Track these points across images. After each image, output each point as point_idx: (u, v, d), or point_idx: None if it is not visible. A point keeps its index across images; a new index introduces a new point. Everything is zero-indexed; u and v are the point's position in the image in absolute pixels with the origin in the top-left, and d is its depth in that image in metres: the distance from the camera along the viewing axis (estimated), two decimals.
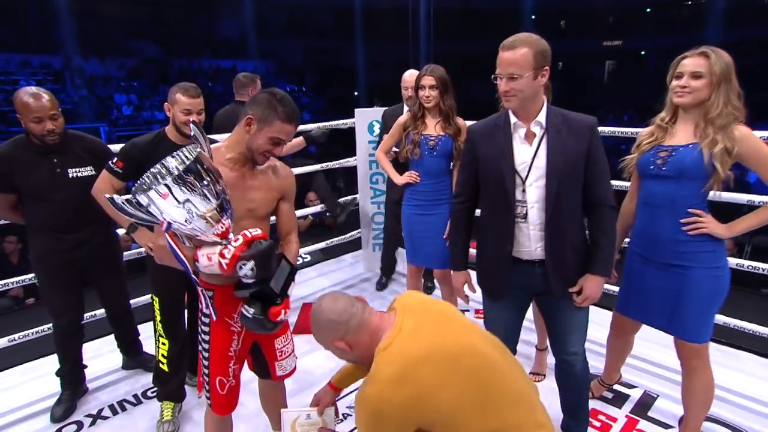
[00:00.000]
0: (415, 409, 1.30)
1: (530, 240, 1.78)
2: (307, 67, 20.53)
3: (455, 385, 1.30)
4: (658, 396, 2.44)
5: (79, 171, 2.28)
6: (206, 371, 1.70)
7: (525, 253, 1.80)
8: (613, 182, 1.97)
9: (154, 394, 2.46)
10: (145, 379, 2.66)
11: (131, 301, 2.72)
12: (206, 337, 1.68)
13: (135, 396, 2.56)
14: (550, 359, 2.50)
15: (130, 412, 2.45)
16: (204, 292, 1.62)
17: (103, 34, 16.39)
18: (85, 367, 2.58)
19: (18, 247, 4.85)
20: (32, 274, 2.62)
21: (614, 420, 2.30)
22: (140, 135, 2.35)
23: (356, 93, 18.76)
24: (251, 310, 1.49)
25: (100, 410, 2.46)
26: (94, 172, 2.28)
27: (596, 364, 2.52)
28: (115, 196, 1.41)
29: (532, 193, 1.74)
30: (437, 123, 2.60)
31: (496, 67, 1.68)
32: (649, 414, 2.33)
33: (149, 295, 2.62)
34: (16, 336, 2.58)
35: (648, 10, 18.54)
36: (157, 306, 2.27)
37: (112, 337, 2.77)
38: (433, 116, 2.61)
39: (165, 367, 2.30)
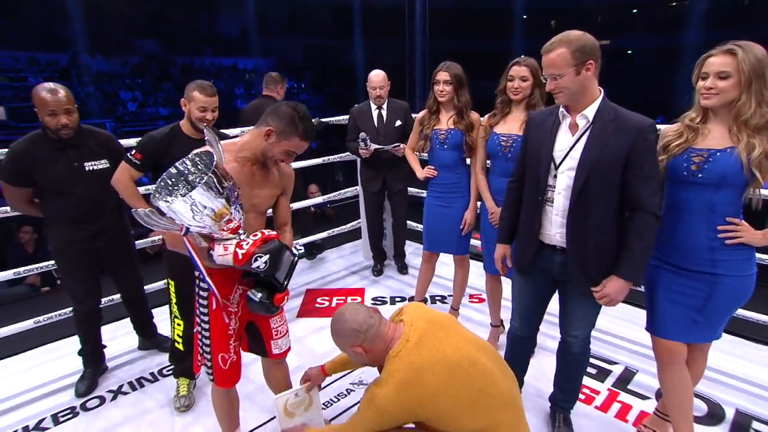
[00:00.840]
0: (415, 409, 1.50)
1: (552, 224, 1.81)
2: (306, 65, 20.45)
3: (452, 390, 1.47)
4: (637, 371, 2.55)
5: (95, 164, 2.32)
6: (207, 349, 1.78)
7: (547, 236, 1.84)
8: None
9: (170, 371, 2.55)
10: (160, 359, 2.74)
11: (145, 287, 2.78)
12: (206, 318, 1.76)
13: (152, 374, 2.64)
14: (503, 338, 2.71)
15: (148, 388, 2.53)
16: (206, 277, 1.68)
17: (107, 32, 16.28)
18: (105, 347, 2.65)
19: (33, 237, 4.88)
20: (49, 262, 2.70)
21: (597, 393, 2.40)
22: (145, 130, 2.40)
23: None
24: (258, 295, 1.59)
25: (120, 386, 2.53)
26: (108, 166, 2.33)
27: (598, 350, 2.69)
28: (140, 210, 1.49)
29: (561, 180, 1.75)
30: (450, 118, 2.64)
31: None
32: (629, 387, 2.44)
33: (163, 281, 2.71)
34: (41, 318, 2.65)
35: (634, 10, 18.59)
36: (172, 289, 2.33)
37: (128, 320, 2.83)
38: (447, 111, 2.66)
39: (180, 347, 2.37)
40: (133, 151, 2.18)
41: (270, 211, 1.92)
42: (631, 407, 2.29)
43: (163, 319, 2.85)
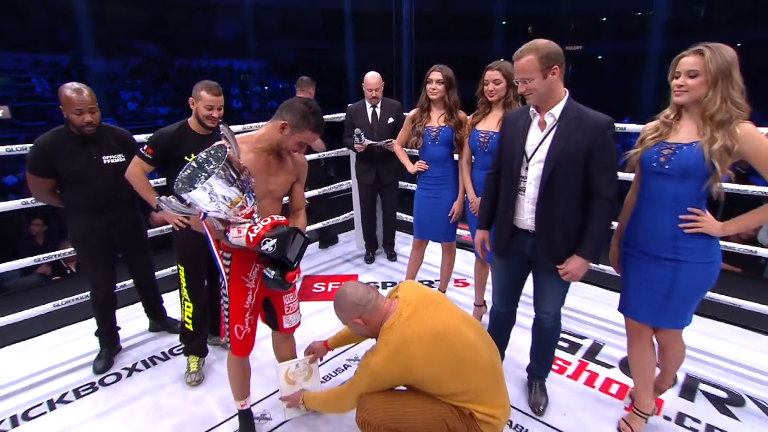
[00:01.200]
0: (404, 374, 1.61)
1: (524, 211, 1.91)
2: (298, 66, 20.28)
3: (437, 359, 1.58)
4: (604, 344, 2.68)
5: (112, 158, 2.36)
6: (227, 320, 1.87)
7: (520, 222, 1.95)
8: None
9: (180, 351, 2.61)
10: (170, 340, 2.79)
11: (156, 273, 2.83)
12: (226, 291, 1.84)
13: (163, 353, 2.70)
14: (485, 318, 2.80)
15: (160, 366, 2.59)
16: (224, 254, 1.79)
17: (109, 35, 16.02)
18: (119, 328, 2.70)
19: (43, 229, 4.86)
20: (66, 250, 2.74)
21: (569, 363, 2.52)
22: (145, 129, 2.46)
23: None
24: (273, 273, 1.67)
25: (134, 364, 2.59)
26: (124, 160, 2.36)
27: (570, 327, 2.83)
28: (163, 198, 1.59)
29: (532, 172, 1.85)
30: (441, 116, 2.72)
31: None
32: (596, 358, 2.57)
33: (172, 267, 2.76)
34: (60, 301, 2.69)
35: (604, 19, 18.84)
36: (182, 274, 2.39)
37: (139, 305, 2.88)
38: (438, 109, 2.73)
39: (190, 327, 2.44)
40: (145, 146, 2.23)
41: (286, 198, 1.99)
42: (597, 375, 2.42)
43: (172, 303, 2.91)
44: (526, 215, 1.91)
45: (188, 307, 2.43)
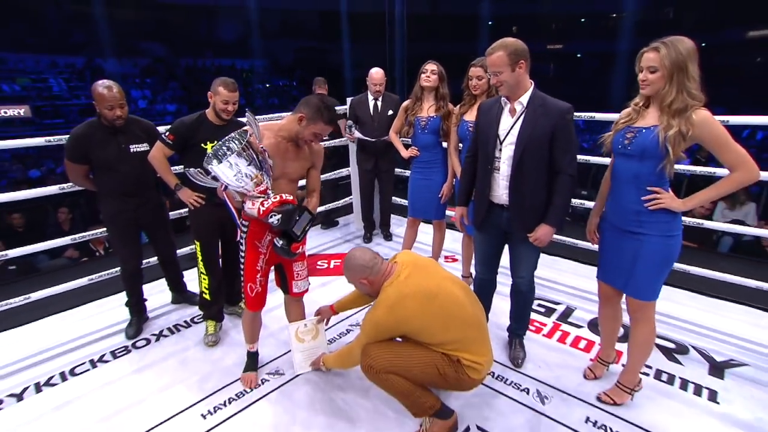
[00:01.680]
0: (401, 325, 1.74)
1: (499, 187, 2.04)
2: (297, 65, 20.19)
3: (429, 314, 1.71)
4: (575, 309, 2.83)
5: (138, 147, 2.45)
6: (242, 279, 2.03)
7: (495, 197, 2.07)
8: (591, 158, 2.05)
9: (200, 319, 2.73)
10: (191, 311, 2.91)
11: (177, 251, 2.93)
12: (242, 256, 2.00)
13: (185, 321, 2.81)
14: (471, 287, 2.85)
15: (183, 332, 2.71)
16: (242, 222, 1.94)
17: (119, 37, 15.92)
18: (146, 300, 2.81)
19: (69, 217, 4.92)
20: (95, 231, 2.84)
21: (545, 325, 2.67)
22: (157, 124, 2.57)
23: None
24: (280, 242, 1.84)
25: (161, 331, 2.71)
26: (148, 148, 2.45)
27: (547, 294, 2.98)
28: (191, 169, 1.75)
29: (505, 153, 1.98)
30: (431, 106, 2.82)
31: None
32: (568, 320, 2.73)
33: (191, 247, 2.85)
34: (94, 276, 2.82)
35: (582, 20, 18.89)
36: (198, 249, 2.50)
37: (162, 281, 2.99)
38: (428, 100, 2.84)
39: (207, 297, 2.56)
40: (167, 133, 2.33)
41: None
42: (569, 334, 2.58)
43: (191, 279, 3.00)
44: (501, 191, 2.04)
45: (204, 279, 2.54)
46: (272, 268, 2.13)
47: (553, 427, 1.91)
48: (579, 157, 2.20)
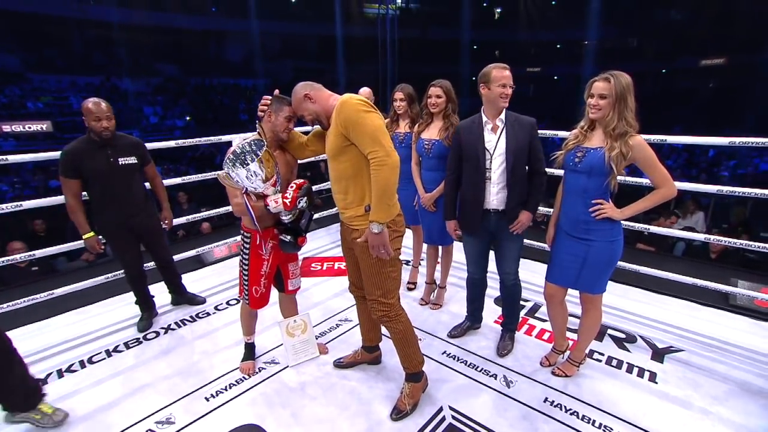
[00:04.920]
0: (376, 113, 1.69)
1: (491, 194, 2.14)
2: (296, 84, 20.34)
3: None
4: (542, 305, 2.91)
5: (126, 159, 2.46)
6: (246, 283, 2.10)
7: (487, 203, 2.16)
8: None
9: (205, 315, 2.82)
10: (196, 308, 2.96)
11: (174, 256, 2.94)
12: (246, 262, 2.07)
13: (191, 317, 2.87)
14: (448, 296, 3.00)
15: (189, 326, 2.77)
16: (244, 234, 2.02)
17: (134, 58, 16.08)
18: (153, 296, 2.84)
19: (44, 227, 4.82)
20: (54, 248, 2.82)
21: None
22: (165, 139, 2.60)
23: None
24: (288, 237, 1.92)
25: (168, 325, 2.78)
26: (136, 162, 2.50)
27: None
28: (219, 172, 1.78)
29: (495, 163, 2.10)
30: (406, 124, 2.88)
31: None
32: (535, 315, 2.84)
33: (191, 251, 2.89)
34: (109, 275, 2.90)
35: (558, 45, 19.35)
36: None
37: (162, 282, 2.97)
38: (404, 119, 2.90)
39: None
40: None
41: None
42: (535, 327, 2.70)
43: (193, 281, 3.11)
44: (492, 197, 2.15)
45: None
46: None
47: (516, 406, 2.02)
48: (555, 171, 2.37)
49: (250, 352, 2.34)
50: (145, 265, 2.75)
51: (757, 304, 2.80)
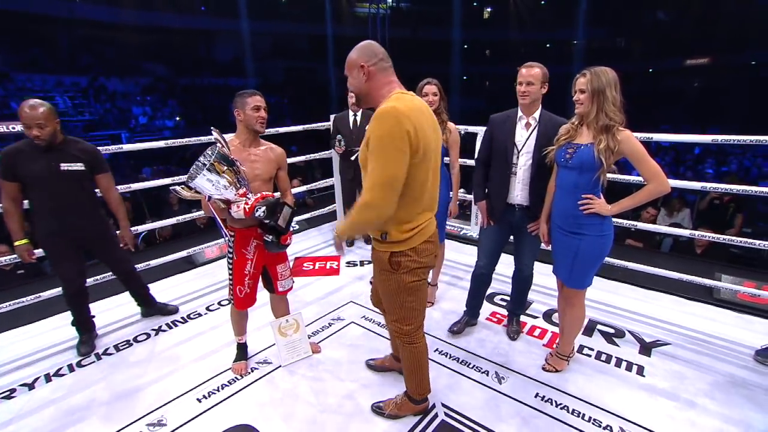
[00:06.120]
0: (405, 122, 1.39)
1: (515, 189, 2.18)
2: (287, 84, 20.25)
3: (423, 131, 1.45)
4: (533, 302, 2.95)
5: (71, 166, 2.24)
6: (230, 283, 2.10)
7: (511, 198, 2.20)
8: None
9: (197, 316, 2.80)
10: (183, 311, 2.90)
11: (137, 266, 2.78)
12: (231, 262, 2.06)
13: (182, 318, 2.83)
14: (439, 294, 3.01)
15: (179, 327, 2.73)
16: (229, 233, 2.01)
17: (122, 58, 15.85)
18: (94, 317, 2.60)
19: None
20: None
21: (506, 316, 2.75)
22: (154, 140, 2.40)
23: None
24: (270, 237, 1.90)
25: (159, 326, 2.72)
26: (84, 169, 2.29)
27: (500, 287, 2.86)
28: (176, 186, 1.80)
29: (522, 160, 2.13)
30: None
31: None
32: (527, 312, 2.85)
33: (158, 260, 2.73)
34: (98, 277, 2.83)
35: (548, 45, 19.50)
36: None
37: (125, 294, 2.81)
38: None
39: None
40: None
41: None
42: (526, 323, 2.72)
43: (161, 290, 3.01)
44: (516, 193, 2.19)
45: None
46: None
47: (508, 402, 2.04)
48: None
49: (242, 352, 2.33)
50: (106, 276, 2.56)
51: (740, 297, 2.87)
